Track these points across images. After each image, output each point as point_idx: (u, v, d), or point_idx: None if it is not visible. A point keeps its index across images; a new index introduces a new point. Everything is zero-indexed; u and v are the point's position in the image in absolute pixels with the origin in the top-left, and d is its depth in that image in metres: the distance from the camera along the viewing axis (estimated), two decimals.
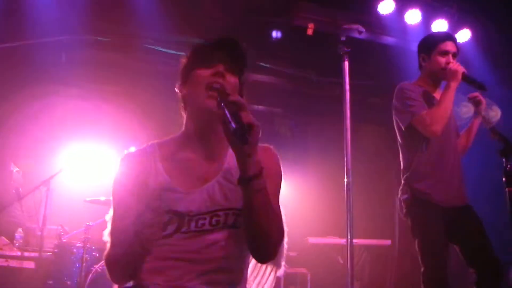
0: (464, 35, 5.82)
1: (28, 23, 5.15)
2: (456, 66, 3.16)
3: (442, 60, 3.23)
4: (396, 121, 3.32)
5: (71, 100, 6.06)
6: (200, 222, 1.69)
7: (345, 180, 3.09)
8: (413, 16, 5.46)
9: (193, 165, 1.78)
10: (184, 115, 1.86)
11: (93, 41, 5.67)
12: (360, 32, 4.75)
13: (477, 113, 3.32)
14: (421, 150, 3.19)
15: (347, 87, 3.11)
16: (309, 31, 4.81)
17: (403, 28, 5.52)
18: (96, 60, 5.81)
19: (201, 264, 1.65)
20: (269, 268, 2.47)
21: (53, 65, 5.61)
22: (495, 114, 3.32)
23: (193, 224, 1.68)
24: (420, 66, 3.40)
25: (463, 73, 3.14)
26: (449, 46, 3.25)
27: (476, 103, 3.30)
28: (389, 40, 5.69)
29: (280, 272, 2.47)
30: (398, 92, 3.27)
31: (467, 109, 3.37)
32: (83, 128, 5.82)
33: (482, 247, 3.10)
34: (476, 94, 3.30)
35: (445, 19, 5.64)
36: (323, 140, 6.44)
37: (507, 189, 2.98)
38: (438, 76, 3.26)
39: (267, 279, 2.44)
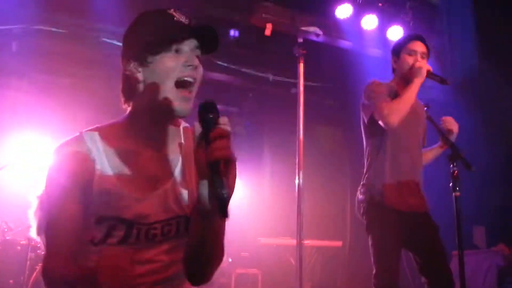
0: None
1: None
2: (421, 63, 3.14)
3: (410, 59, 3.20)
4: (362, 118, 3.29)
5: (22, 92, 5.86)
6: (152, 232, 1.50)
7: (296, 181, 3.09)
8: (369, 22, 5.53)
9: (142, 164, 1.53)
10: (124, 99, 1.59)
11: (47, 32, 5.50)
12: (317, 35, 4.79)
13: (441, 136, 3.31)
14: (383, 150, 3.16)
15: (301, 88, 3.12)
16: (267, 32, 4.80)
17: (360, 32, 5.59)
18: (50, 52, 5.63)
19: (147, 276, 1.49)
20: None
21: (2, 55, 5.40)
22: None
23: (142, 235, 1.49)
24: (393, 70, 3.37)
25: (428, 71, 3.13)
26: (416, 45, 3.23)
27: (449, 131, 3.29)
28: (345, 44, 5.75)
29: None
30: (366, 88, 3.23)
31: None
32: (33, 121, 5.62)
33: (437, 258, 3.09)
34: (451, 121, 3.32)
35: (401, 26, 5.74)
36: (278, 140, 6.47)
37: (454, 194, 3.04)
38: (408, 76, 3.19)
39: None
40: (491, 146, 5.77)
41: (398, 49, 3.29)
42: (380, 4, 5.55)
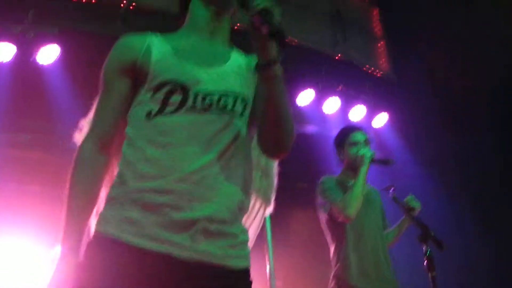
0: (381, 119, 6.11)
1: None
2: (365, 151, 3.27)
3: (354, 149, 3.34)
4: (321, 215, 3.36)
5: None
6: (208, 98, 1.54)
7: (267, 268, 3.02)
8: (331, 105, 5.68)
9: (201, 49, 1.65)
10: (182, 12, 1.77)
11: (10, 138, 5.48)
12: None
13: (408, 216, 3.34)
14: (345, 243, 3.20)
15: None
16: None
17: (323, 116, 5.73)
18: (14, 158, 5.59)
19: (205, 150, 1.49)
20: (257, 204, 2.12)
21: None
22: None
23: (199, 100, 1.53)
24: (340, 161, 3.50)
25: (372, 157, 3.24)
26: (358, 136, 3.39)
27: (410, 209, 3.33)
28: (310, 128, 5.86)
29: (269, 211, 2.14)
30: (318, 186, 3.34)
31: None
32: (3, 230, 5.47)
33: None
34: (412, 199, 3.35)
35: (363, 105, 5.91)
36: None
37: (429, 274, 3.01)
38: (355, 166, 3.31)
39: (254, 217, 2.10)
40: (464, 221, 5.79)
41: (341, 142, 3.44)
42: (340, 88, 5.72)
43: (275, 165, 2.10)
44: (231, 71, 1.64)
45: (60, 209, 1.73)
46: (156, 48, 1.60)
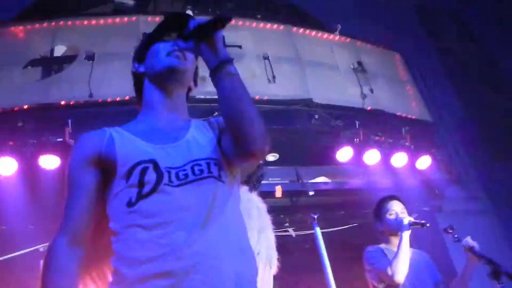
0: (425, 162, 6.04)
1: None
2: (403, 216, 3.41)
3: (392, 218, 3.47)
4: (371, 282, 3.44)
5: None
6: (182, 173, 1.51)
7: None
8: (372, 157, 5.66)
9: (160, 128, 1.65)
10: (139, 96, 1.79)
11: None
12: (326, 183, 4.94)
13: (474, 255, 3.33)
14: None
15: (323, 252, 3.08)
16: (278, 194, 4.92)
17: (365, 169, 5.70)
18: None
19: (198, 221, 1.43)
20: (261, 266, 2.09)
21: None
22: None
23: (173, 175, 1.50)
24: (380, 233, 3.58)
25: (409, 221, 3.35)
26: (394, 205, 3.53)
27: (469, 250, 3.34)
28: (355, 183, 5.83)
29: (274, 270, 2.16)
30: (364, 256, 3.46)
31: None
32: None
33: None
34: (469, 245, 3.36)
35: (403, 151, 5.87)
36: None
37: None
38: (396, 232, 3.43)
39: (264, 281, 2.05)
40: None
41: (379, 213, 3.57)
42: (377, 138, 5.72)
43: (269, 223, 2.08)
44: (195, 141, 1.63)
45: None
46: (118, 137, 1.60)
